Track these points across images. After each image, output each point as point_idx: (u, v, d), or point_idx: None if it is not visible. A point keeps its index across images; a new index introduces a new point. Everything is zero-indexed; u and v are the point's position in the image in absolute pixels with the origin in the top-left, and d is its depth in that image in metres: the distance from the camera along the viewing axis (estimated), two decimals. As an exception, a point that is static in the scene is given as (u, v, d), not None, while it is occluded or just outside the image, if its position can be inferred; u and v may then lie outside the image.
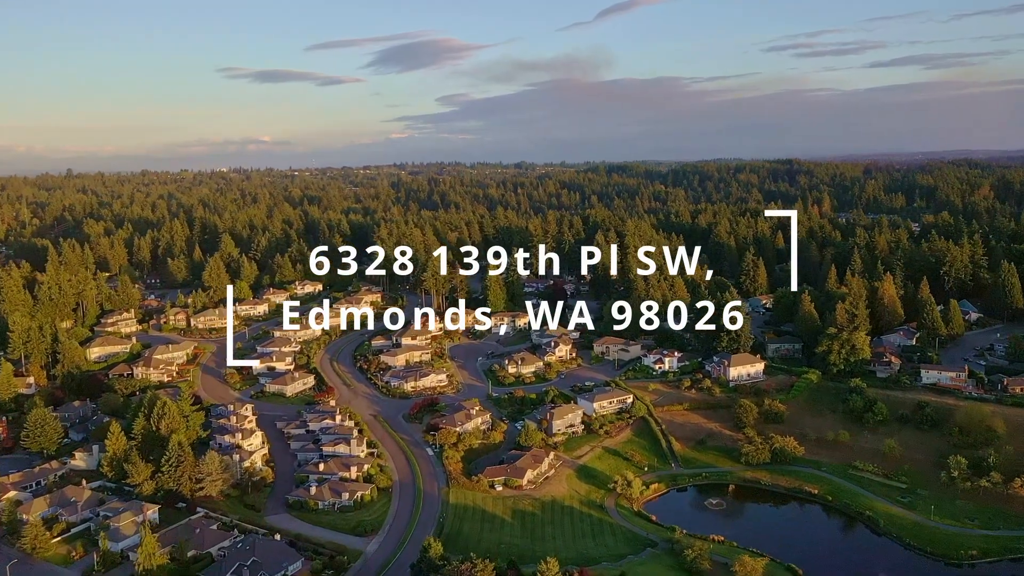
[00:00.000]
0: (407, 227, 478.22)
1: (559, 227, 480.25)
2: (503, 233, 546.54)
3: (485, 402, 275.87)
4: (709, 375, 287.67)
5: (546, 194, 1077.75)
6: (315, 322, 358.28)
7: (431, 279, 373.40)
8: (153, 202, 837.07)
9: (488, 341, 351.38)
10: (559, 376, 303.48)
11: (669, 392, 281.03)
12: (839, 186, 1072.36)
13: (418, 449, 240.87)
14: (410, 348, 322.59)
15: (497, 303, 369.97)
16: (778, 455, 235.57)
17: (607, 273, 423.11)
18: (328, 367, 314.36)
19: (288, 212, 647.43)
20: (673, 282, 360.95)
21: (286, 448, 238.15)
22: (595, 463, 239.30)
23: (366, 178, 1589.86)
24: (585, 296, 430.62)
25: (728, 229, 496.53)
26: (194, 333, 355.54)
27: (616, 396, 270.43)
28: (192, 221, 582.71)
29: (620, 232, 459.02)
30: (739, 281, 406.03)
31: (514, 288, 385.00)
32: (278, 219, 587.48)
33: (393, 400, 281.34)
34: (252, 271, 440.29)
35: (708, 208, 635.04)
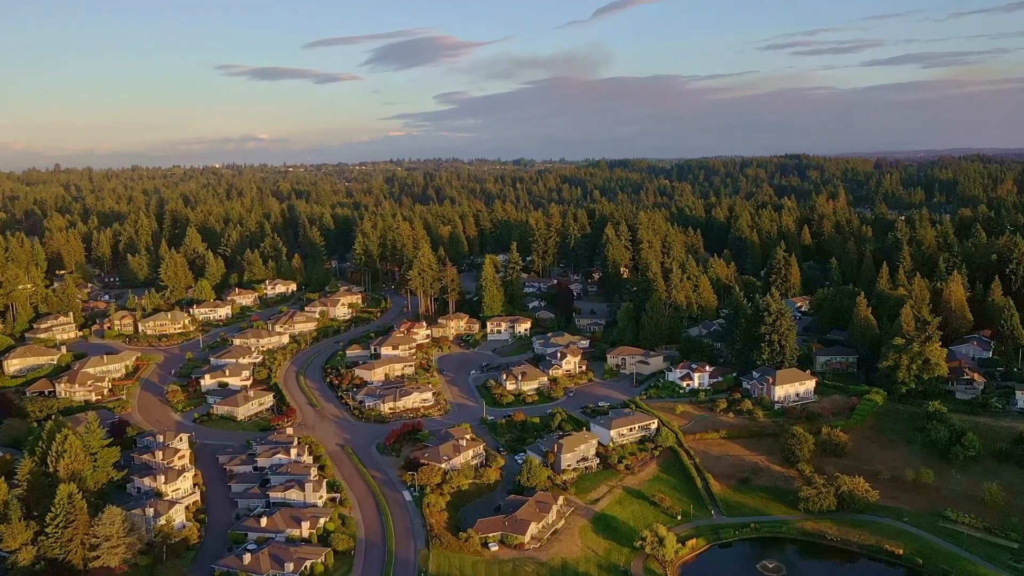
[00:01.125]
0: (393, 220, 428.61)
1: (563, 221, 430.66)
2: (501, 228, 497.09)
3: (478, 428, 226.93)
4: (748, 395, 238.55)
5: (546, 189, 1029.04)
6: (281, 328, 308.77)
7: (417, 278, 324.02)
8: (130, 195, 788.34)
9: (483, 351, 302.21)
10: (567, 394, 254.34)
11: (701, 416, 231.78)
12: (852, 181, 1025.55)
13: (393, 492, 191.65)
14: (390, 360, 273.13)
15: (494, 306, 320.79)
16: (846, 500, 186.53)
17: (618, 272, 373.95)
18: (293, 383, 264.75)
19: (272, 206, 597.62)
20: (698, 282, 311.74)
21: (227, 492, 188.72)
22: (615, 510, 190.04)
23: (361, 174, 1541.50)
24: (593, 298, 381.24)
25: (750, 223, 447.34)
26: (141, 340, 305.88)
27: (638, 421, 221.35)
28: (162, 215, 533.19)
29: (632, 226, 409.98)
30: (768, 281, 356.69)
31: (513, 289, 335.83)
32: (257, 213, 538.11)
33: (367, 425, 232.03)
34: (218, 269, 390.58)
35: (723, 202, 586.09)
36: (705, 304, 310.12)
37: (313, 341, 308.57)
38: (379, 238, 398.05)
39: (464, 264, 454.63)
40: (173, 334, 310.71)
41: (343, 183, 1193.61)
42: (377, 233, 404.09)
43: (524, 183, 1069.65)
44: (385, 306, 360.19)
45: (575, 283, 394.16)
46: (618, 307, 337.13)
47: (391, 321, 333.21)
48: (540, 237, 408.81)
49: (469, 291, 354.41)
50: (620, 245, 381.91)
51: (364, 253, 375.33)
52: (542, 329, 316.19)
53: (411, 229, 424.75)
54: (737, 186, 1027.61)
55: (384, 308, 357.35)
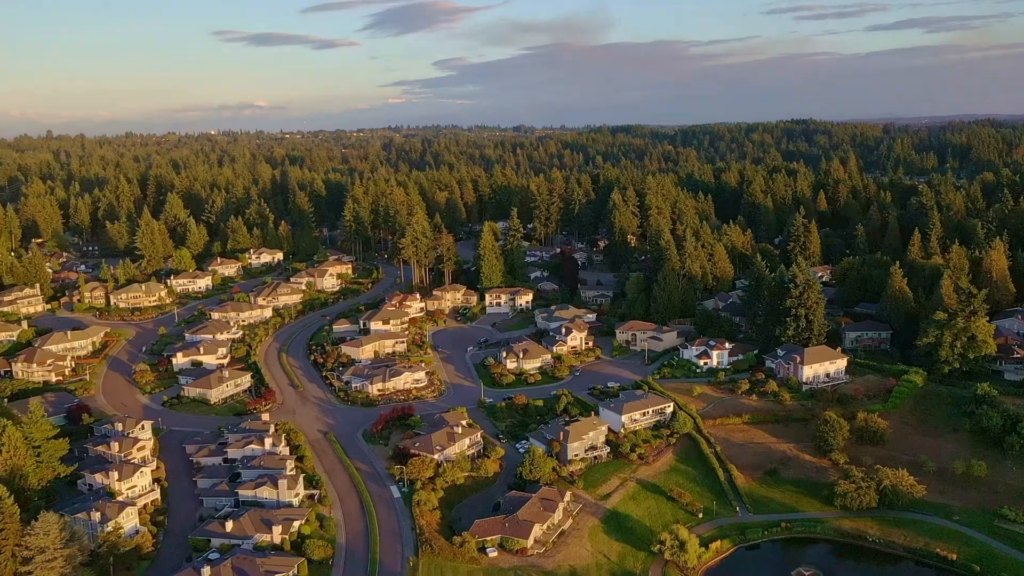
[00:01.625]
0: (387, 185, 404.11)
1: (566, 186, 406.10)
2: (501, 194, 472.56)
3: (475, 412, 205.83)
4: (773, 375, 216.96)
5: (547, 155, 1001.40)
6: (264, 300, 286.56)
7: (410, 246, 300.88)
8: (118, 161, 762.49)
9: (481, 325, 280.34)
10: (573, 374, 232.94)
11: (721, 398, 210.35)
12: (862, 146, 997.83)
13: (379, 487, 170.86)
14: (381, 336, 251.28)
15: (493, 277, 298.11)
16: (888, 496, 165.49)
17: (625, 240, 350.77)
18: (274, 361, 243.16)
19: (264, 173, 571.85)
20: (713, 250, 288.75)
21: (192, 487, 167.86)
22: (629, 507, 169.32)
23: (359, 141, 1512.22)
24: (599, 267, 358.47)
25: (763, 188, 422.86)
26: (113, 314, 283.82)
27: (652, 404, 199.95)
28: (146, 180, 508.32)
29: (639, 191, 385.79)
30: (785, 249, 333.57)
31: (513, 258, 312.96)
32: (246, 179, 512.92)
33: (353, 409, 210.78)
34: (201, 237, 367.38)
35: (733, 166, 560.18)
36: (721, 275, 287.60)
37: (298, 315, 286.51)
38: (371, 204, 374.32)
39: (462, 232, 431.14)
40: (148, 307, 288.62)
41: (340, 149, 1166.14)
42: (369, 199, 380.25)
43: (524, 149, 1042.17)
44: (377, 277, 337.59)
45: (579, 252, 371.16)
46: (626, 277, 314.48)
47: (383, 293, 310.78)
48: (542, 203, 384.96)
49: (467, 261, 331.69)
50: (627, 211, 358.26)
51: (354, 220, 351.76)
52: (545, 302, 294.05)
53: (405, 195, 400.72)
54: (743, 151, 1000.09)
55: (376, 279, 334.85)
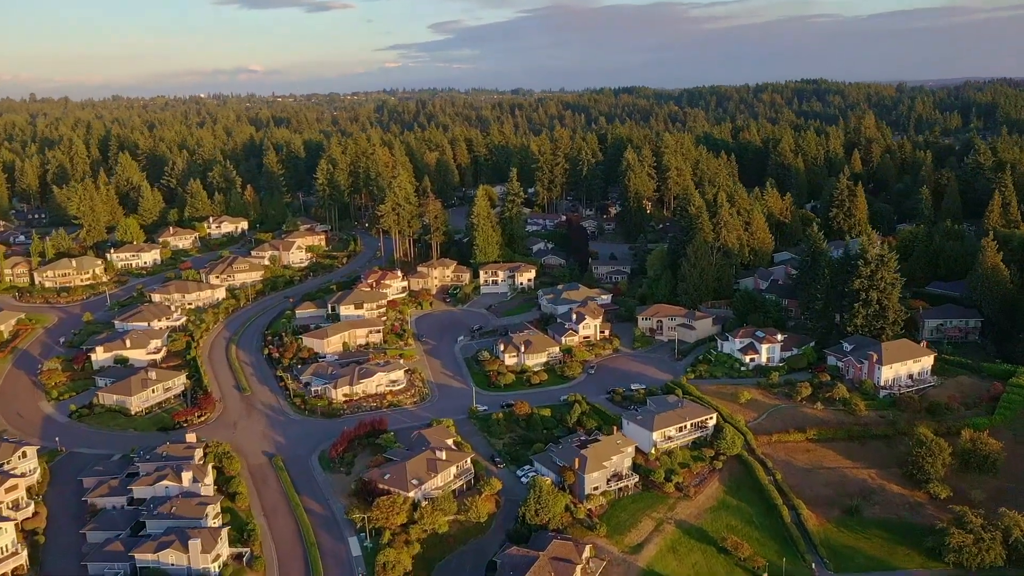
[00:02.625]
0: (368, 144, 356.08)
1: (572, 145, 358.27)
2: (498, 154, 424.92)
3: (466, 424, 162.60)
4: (840, 375, 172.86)
5: (547, 116, 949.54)
6: (217, 278, 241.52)
7: (391, 214, 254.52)
8: (88, 123, 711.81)
9: (474, 308, 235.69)
10: (587, 371, 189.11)
11: (776, 406, 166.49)
12: (879, 106, 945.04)
13: (334, 540, 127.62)
14: (352, 324, 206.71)
15: (488, 250, 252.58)
16: (1021, 552, 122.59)
17: (640, 206, 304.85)
18: (220, 356, 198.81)
19: (241, 133, 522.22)
20: (751, 218, 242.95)
21: (79, 544, 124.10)
22: (668, 565, 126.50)
23: (352, 103, 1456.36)
24: (611, 237, 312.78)
25: (793, 147, 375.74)
26: (36, 295, 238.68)
27: (690, 416, 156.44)
28: (107, 141, 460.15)
29: (657, 150, 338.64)
30: (827, 216, 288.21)
31: (513, 227, 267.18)
32: (221, 139, 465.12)
33: (311, 421, 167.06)
34: (155, 203, 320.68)
35: (752, 125, 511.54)
36: (760, 247, 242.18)
37: (257, 296, 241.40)
38: (349, 166, 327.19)
39: (455, 198, 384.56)
40: (79, 287, 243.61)
41: (331, 112, 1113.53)
42: (348, 160, 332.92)
43: (523, 110, 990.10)
44: (355, 249, 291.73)
45: (588, 220, 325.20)
46: (644, 250, 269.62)
47: (360, 269, 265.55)
48: (545, 164, 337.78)
49: (459, 231, 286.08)
50: (643, 173, 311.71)
51: (328, 184, 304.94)
52: (550, 279, 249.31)
53: (390, 155, 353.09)
54: (754, 112, 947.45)
55: (353, 252, 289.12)
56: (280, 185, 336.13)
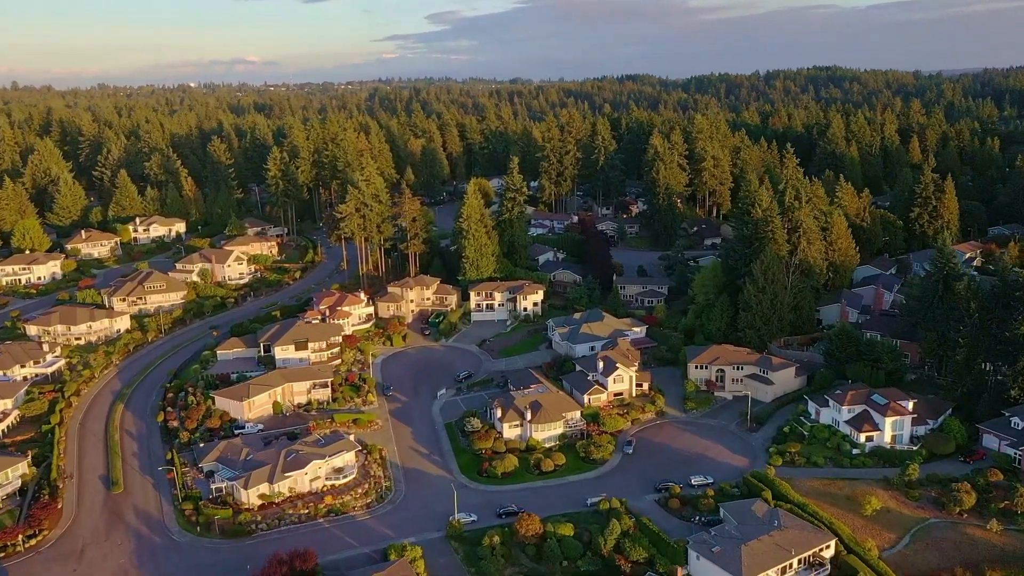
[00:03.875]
0: (338, 128, 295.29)
1: (584, 128, 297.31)
2: (495, 142, 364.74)
3: (443, 554, 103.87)
4: (1014, 468, 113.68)
5: (547, 104, 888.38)
6: (122, 302, 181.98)
7: (354, 216, 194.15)
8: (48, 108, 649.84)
9: (462, 343, 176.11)
10: (622, 450, 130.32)
11: (923, 521, 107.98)
12: (901, 93, 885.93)
13: None
14: (290, 373, 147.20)
15: (481, 263, 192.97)
16: None
17: (671, 204, 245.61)
18: (97, 425, 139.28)
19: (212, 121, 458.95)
20: (830, 222, 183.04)
21: None
22: None
23: (347, 92, 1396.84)
24: (635, 243, 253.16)
25: (843, 133, 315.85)
26: None
27: (794, 544, 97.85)
28: (49, 127, 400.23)
29: (687, 134, 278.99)
30: (907, 217, 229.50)
31: (513, 233, 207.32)
32: (184, 125, 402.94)
33: (204, 546, 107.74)
34: (74, 199, 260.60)
35: (783, 110, 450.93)
36: (842, 263, 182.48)
37: (175, 325, 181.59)
38: (313, 154, 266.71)
39: (444, 193, 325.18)
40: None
41: (320, 99, 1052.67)
42: (312, 146, 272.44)
43: (523, 97, 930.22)
44: (313, 259, 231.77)
45: (605, 221, 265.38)
46: (679, 261, 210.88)
47: (318, 285, 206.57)
48: (552, 153, 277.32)
49: (447, 235, 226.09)
50: (674, 163, 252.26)
51: (282, 177, 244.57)
52: (563, 302, 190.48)
53: (366, 142, 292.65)
54: (769, 99, 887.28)
55: (311, 263, 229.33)
56: (228, 178, 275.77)
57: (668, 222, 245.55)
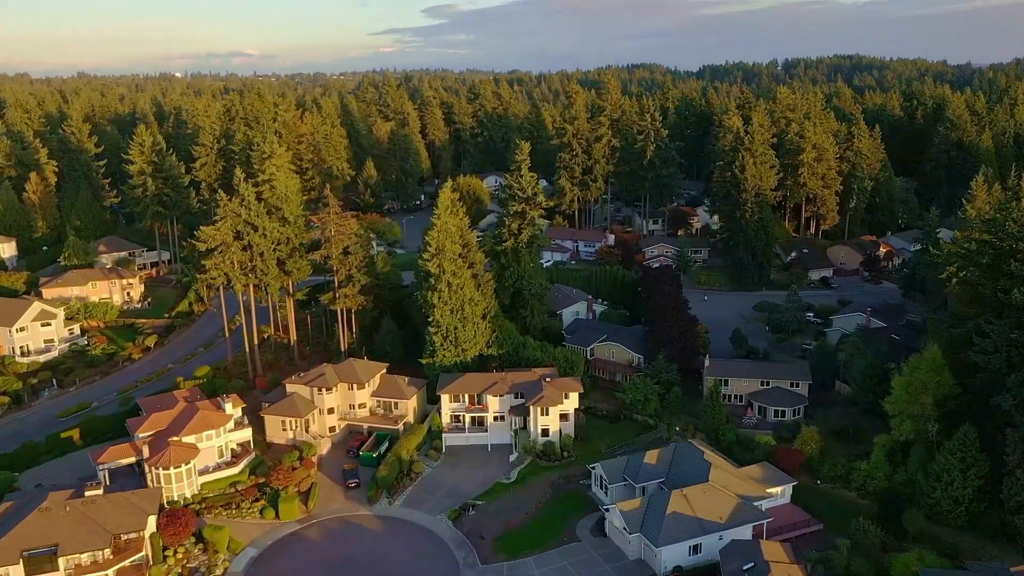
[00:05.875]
0: (259, 101, 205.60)
1: (622, 106, 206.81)
2: (491, 128, 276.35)
3: None
4: None
5: (551, 92, 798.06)
6: None
7: (229, 247, 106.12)
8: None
9: (417, 511, 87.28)
10: None
11: None
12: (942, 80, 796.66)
13: None
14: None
15: (464, 335, 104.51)
16: None
17: (763, 218, 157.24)
18: None
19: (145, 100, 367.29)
20: None
21: None
22: None
23: (337, 82, 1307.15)
24: (703, 279, 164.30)
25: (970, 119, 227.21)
26: None
27: None
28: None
29: (773, 116, 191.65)
30: None
31: (520, 273, 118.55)
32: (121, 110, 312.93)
33: None
34: None
35: (845, 90, 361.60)
36: None
37: None
38: (216, 141, 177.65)
39: (422, 197, 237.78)
40: None
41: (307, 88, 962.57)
42: (220, 127, 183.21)
43: (524, 85, 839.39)
44: (191, 309, 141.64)
45: (654, 241, 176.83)
46: (798, 316, 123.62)
47: (180, 366, 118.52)
48: (576, 139, 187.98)
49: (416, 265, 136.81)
50: (767, 155, 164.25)
51: (155, 173, 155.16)
52: (610, 407, 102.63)
53: (309, 123, 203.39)
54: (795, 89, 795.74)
55: (184, 316, 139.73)
56: (98, 176, 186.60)
57: (759, 246, 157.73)
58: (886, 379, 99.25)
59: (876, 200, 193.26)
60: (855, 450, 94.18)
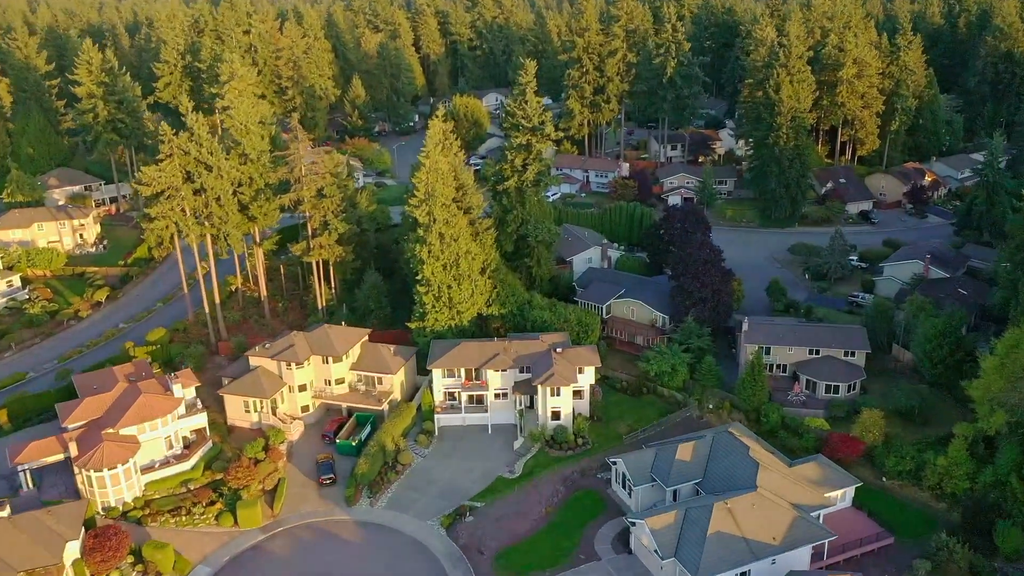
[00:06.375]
0: (230, 7, 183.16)
1: (633, 17, 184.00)
2: (492, 40, 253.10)
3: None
4: None
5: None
6: None
7: (179, 191, 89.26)
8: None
9: (403, 515, 73.19)
10: None
11: None
12: None
13: None
14: None
15: (460, 295, 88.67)
16: None
17: (800, 143, 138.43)
18: None
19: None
20: None
21: None
22: None
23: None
24: (732, 214, 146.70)
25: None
26: None
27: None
28: None
29: (808, 24, 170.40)
30: None
31: (525, 217, 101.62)
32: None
33: None
34: None
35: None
36: None
37: None
38: (183, 56, 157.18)
39: (415, 119, 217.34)
40: None
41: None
42: (184, 41, 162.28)
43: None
44: (151, 255, 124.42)
45: (672, 171, 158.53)
46: (842, 261, 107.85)
47: (132, 326, 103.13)
48: (587, 53, 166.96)
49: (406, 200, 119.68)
50: (805, 72, 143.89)
51: (106, 95, 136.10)
52: (631, 377, 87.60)
53: (289, 36, 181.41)
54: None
55: (142, 264, 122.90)
56: (50, 97, 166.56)
57: (793, 177, 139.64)
58: (960, 349, 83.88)
59: (919, 121, 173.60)
60: (923, 436, 79.43)
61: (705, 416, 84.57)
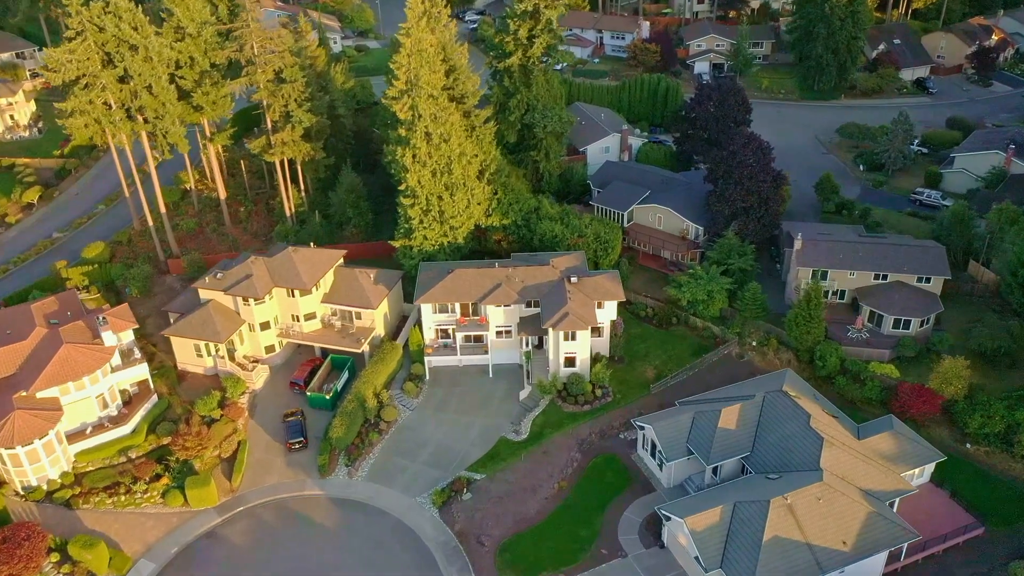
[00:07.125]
0: None
1: None
2: None
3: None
4: None
5: None
6: None
7: (99, 77, 71.45)
8: None
9: (388, 490, 60.86)
10: None
11: None
12: None
13: None
14: None
15: (454, 207, 72.93)
16: None
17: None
18: None
19: None
20: None
21: None
22: None
23: None
24: (768, 84, 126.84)
25: None
26: None
27: None
28: None
29: None
30: None
31: (532, 101, 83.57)
32: None
33: None
34: None
35: None
36: None
37: None
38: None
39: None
40: None
41: None
42: None
43: None
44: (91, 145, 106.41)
45: (699, 32, 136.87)
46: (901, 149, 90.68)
47: (70, 234, 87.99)
48: None
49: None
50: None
51: None
52: (658, 305, 73.26)
53: None
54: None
55: (82, 155, 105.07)
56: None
57: (844, 40, 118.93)
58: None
59: None
60: (1012, 382, 65.94)
61: (747, 355, 70.91)
